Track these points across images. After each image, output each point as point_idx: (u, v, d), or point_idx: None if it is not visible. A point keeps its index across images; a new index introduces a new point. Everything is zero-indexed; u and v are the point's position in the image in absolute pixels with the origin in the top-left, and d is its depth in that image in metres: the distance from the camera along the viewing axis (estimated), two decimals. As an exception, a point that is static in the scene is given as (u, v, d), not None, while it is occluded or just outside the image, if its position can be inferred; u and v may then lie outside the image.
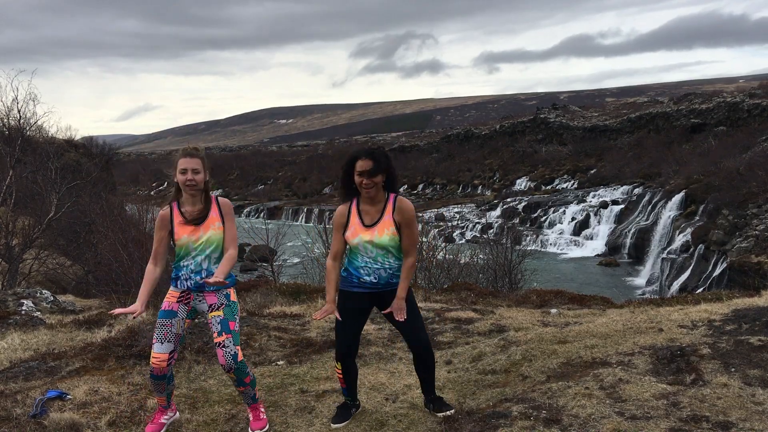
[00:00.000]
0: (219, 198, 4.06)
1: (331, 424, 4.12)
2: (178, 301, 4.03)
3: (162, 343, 3.96)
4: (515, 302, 8.07)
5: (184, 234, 3.94)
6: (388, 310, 4.00)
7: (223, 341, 3.92)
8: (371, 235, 3.94)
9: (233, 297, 4.04)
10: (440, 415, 4.08)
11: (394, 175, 4.00)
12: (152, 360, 3.97)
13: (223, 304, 3.99)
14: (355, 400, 4.30)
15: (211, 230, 3.94)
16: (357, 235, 3.97)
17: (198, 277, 3.98)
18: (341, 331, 4.09)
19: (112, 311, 4.03)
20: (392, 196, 4.00)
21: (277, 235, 19.24)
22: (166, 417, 4.17)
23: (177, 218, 3.96)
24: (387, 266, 4.00)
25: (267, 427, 4.12)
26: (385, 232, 3.93)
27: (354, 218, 3.99)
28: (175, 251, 4.05)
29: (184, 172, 3.88)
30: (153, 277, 4.01)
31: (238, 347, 3.97)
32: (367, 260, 3.99)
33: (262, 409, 4.23)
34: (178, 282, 4.02)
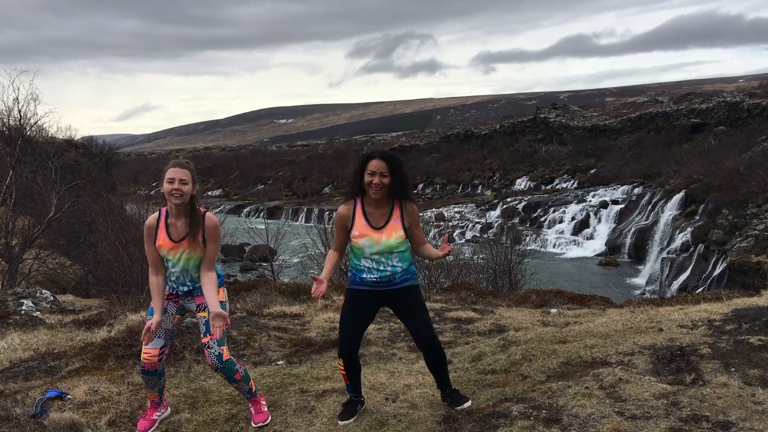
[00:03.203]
0: (207, 216, 3.99)
1: (338, 422, 4.13)
2: (167, 299, 4.07)
3: (152, 339, 4.01)
4: (515, 302, 8.06)
5: (164, 246, 3.97)
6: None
7: (208, 342, 3.98)
8: (379, 236, 3.98)
9: (222, 296, 4.05)
10: (459, 408, 4.11)
11: (405, 182, 4.02)
12: (143, 356, 4.03)
13: None
14: (360, 396, 4.31)
15: (190, 249, 3.94)
16: (364, 236, 3.99)
17: (183, 287, 4.05)
18: (344, 327, 4.11)
19: (143, 337, 3.97)
20: (397, 201, 4.04)
21: (277, 235, 19.27)
22: (158, 413, 4.21)
23: (162, 232, 3.97)
24: (390, 267, 4.03)
25: (269, 419, 4.15)
26: (393, 235, 3.98)
27: (360, 219, 4.02)
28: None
29: (171, 181, 3.85)
30: (159, 287, 4.05)
31: (224, 347, 4.00)
32: (371, 262, 4.02)
33: (264, 402, 4.25)
34: (167, 286, 4.09)
